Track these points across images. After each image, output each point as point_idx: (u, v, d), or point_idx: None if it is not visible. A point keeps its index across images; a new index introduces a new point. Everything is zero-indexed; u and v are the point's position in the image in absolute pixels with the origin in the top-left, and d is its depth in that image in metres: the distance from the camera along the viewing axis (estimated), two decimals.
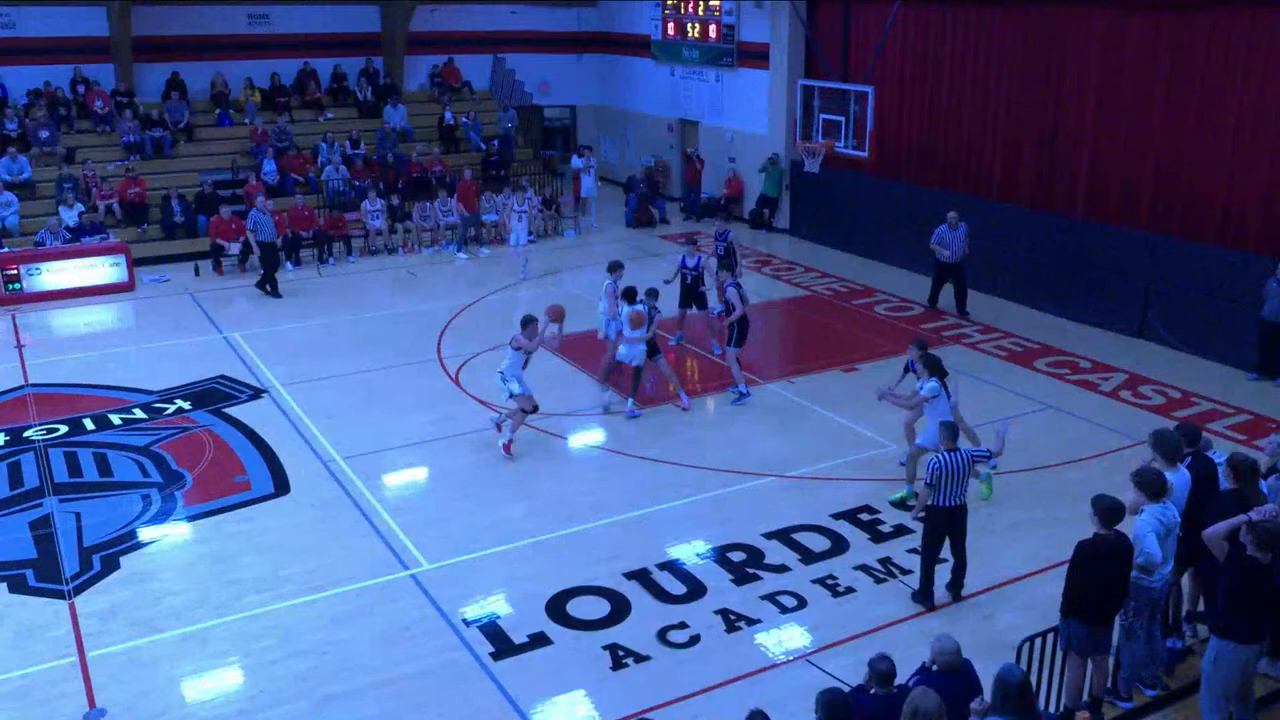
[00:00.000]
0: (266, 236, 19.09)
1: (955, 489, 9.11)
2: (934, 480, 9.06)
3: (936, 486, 9.08)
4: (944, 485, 9.08)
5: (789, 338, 17.93)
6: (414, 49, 26.74)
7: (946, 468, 9.03)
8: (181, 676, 8.62)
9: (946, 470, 9.03)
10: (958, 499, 9.17)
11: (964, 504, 9.27)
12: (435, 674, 8.62)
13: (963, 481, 9.12)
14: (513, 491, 11.69)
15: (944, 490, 9.10)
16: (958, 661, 6.52)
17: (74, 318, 18.18)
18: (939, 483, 9.06)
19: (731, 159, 24.96)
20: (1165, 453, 7.99)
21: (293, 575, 10.03)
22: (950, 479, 9.06)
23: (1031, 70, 18.39)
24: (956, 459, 9.07)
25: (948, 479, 9.06)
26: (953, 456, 9.07)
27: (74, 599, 9.69)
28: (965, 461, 9.11)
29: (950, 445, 9.16)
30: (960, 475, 9.08)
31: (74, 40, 23.29)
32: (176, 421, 13.58)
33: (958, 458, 9.08)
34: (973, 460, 9.23)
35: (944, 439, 9.24)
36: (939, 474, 9.04)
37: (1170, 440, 8.07)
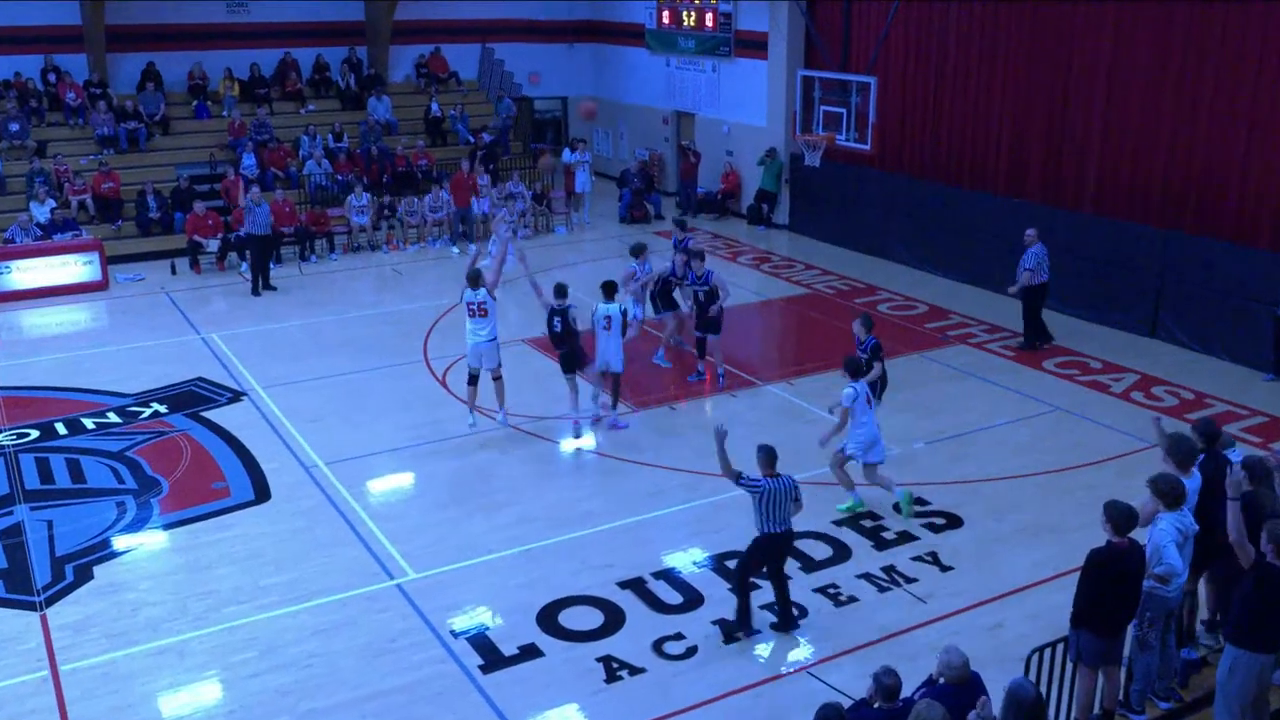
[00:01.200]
0: (260, 229, 19.02)
1: (779, 515, 8.96)
2: (755, 498, 8.92)
3: (760, 512, 8.95)
4: (768, 511, 8.92)
5: (788, 337, 17.93)
6: (399, 38, 26.71)
7: (768, 493, 8.89)
8: (158, 691, 8.59)
9: (768, 496, 8.89)
10: (780, 526, 9.01)
11: (788, 531, 9.09)
12: (422, 687, 8.59)
13: (786, 507, 8.97)
14: (502, 498, 11.67)
15: (768, 516, 8.95)
16: (966, 675, 6.52)
17: (45, 318, 18.13)
18: (761, 508, 8.93)
19: (729, 152, 24.98)
20: (1179, 459, 7.99)
21: (273, 585, 10.00)
22: (774, 504, 8.92)
23: (1039, 60, 18.42)
24: (780, 485, 8.92)
25: (770, 504, 8.91)
26: (775, 482, 8.92)
27: (45, 610, 9.65)
28: (790, 487, 8.97)
29: (770, 471, 8.98)
30: (784, 501, 8.93)
31: (45, 29, 23.19)
32: (152, 426, 13.54)
33: (781, 483, 8.93)
34: (796, 490, 9.01)
35: (762, 463, 9.02)
36: (760, 499, 8.90)
37: (1185, 446, 8.07)
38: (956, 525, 11.04)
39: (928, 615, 9.45)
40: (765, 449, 9.12)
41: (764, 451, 9.10)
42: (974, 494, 11.66)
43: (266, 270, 19.22)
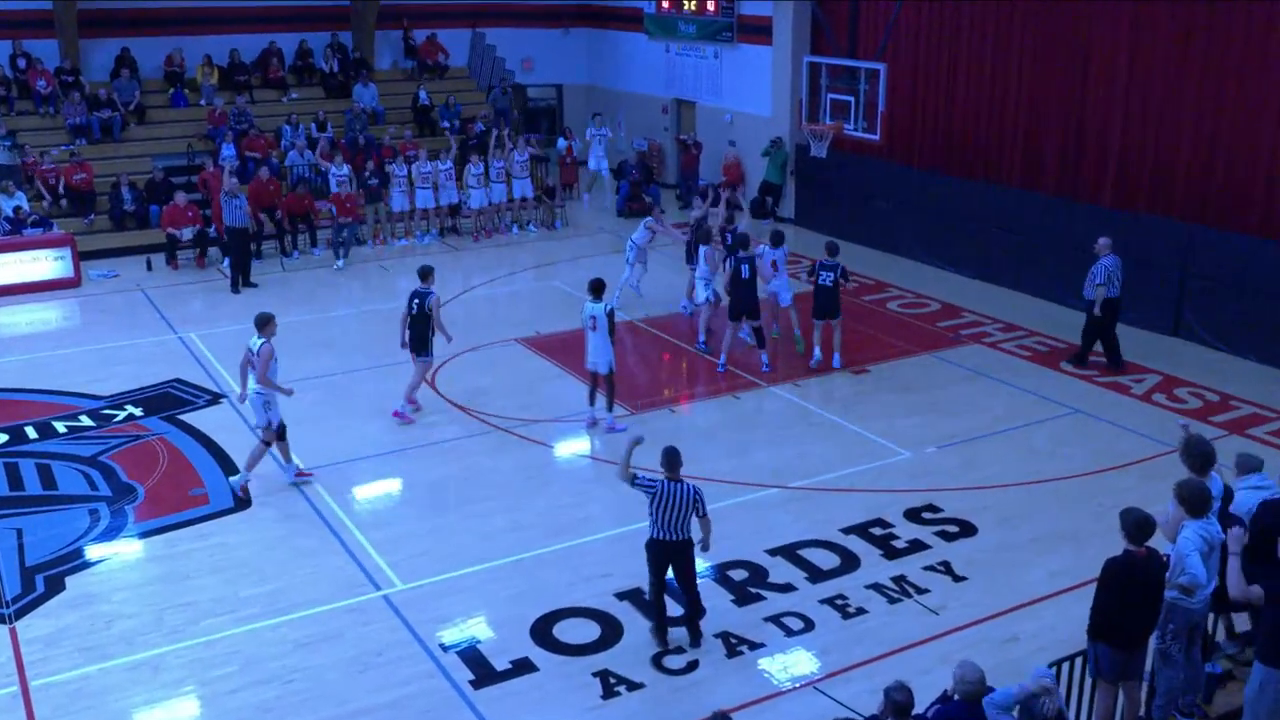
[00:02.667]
0: (238, 221, 18.98)
1: (673, 521, 8.87)
2: (648, 498, 8.90)
3: (652, 515, 8.91)
4: (659, 514, 8.86)
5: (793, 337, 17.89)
6: (385, 23, 26.71)
7: (664, 498, 8.84)
8: (133, 708, 8.58)
9: (662, 499, 8.84)
10: (676, 534, 8.91)
11: (686, 540, 8.97)
12: (410, 704, 8.59)
13: (684, 516, 8.86)
14: (494, 505, 11.67)
15: (659, 520, 8.88)
16: (982, 690, 6.52)
17: (14, 316, 18.12)
18: (653, 509, 8.89)
19: (731, 142, 24.98)
20: (1193, 462, 8.00)
21: (254, 597, 10.00)
22: (667, 509, 8.84)
23: (1057, 47, 18.44)
24: (677, 490, 8.85)
25: (664, 508, 8.85)
26: (672, 486, 8.86)
27: (15, 623, 9.64)
28: (688, 496, 8.86)
29: (671, 474, 8.92)
30: (680, 507, 8.83)
31: (13, 14, 23.19)
32: (127, 429, 13.55)
33: (678, 489, 8.86)
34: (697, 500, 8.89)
35: (663, 465, 8.97)
36: (654, 497, 8.86)
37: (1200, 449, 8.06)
38: (970, 533, 11.04)
39: (940, 628, 9.46)
40: (667, 451, 9.07)
41: (666, 454, 9.04)
42: (988, 501, 11.67)
43: (248, 267, 19.22)
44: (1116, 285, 14.89)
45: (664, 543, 8.99)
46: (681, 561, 9.11)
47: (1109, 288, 14.81)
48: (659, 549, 9.05)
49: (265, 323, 12.04)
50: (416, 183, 22.06)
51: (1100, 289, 14.81)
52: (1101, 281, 14.79)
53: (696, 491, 8.96)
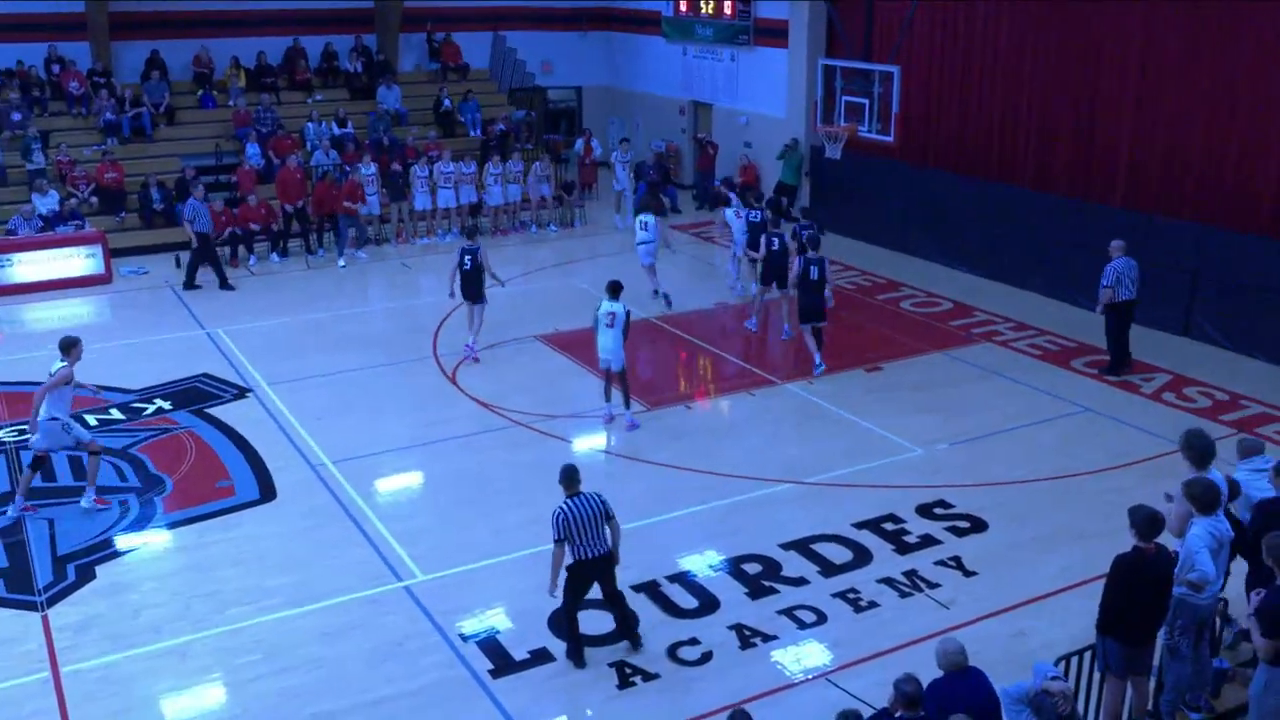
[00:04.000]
0: (203, 227, 19.01)
1: (590, 537, 8.63)
2: (562, 534, 8.57)
3: (569, 540, 8.59)
4: (576, 536, 8.60)
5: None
6: (409, 26, 26.77)
7: (574, 517, 8.58)
8: (160, 694, 8.64)
9: (574, 519, 8.58)
10: (597, 549, 8.69)
11: (606, 554, 8.74)
12: (430, 692, 8.62)
13: (600, 526, 8.65)
14: (512, 498, 11.69)
15: (578, 542, 8.62)
16: (964, 660, 6.66)
17: (47, 311, 18.24)
18: (569, 535, 8.58)
19: (747, 144, 24.94)
20: (1193, 456, 7.97)
21: (279, 587, 10.05)
22: (581, 529, 8.60)
23: (1069, 50, 18.34)
24: (583, 505, 8.63)
25: (578, 528, 8.59)
26: (578, 503, 8.64)
27: (47, 611, 9.72)
28: (597, 508, 8.65)
29: (573, 490, 8.71)
30: (594, 521, 8.62)
31: (48, 17, 23.36)
32: (156, 423, 13.62)
33: (585, 504, 8.64)
34: (605, 508, 8.67)
35: (562, 484, 8.77)
36: (566, 526, 8.56)
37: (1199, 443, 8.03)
38: (981, 529, 11.01)
39: (950, 621, 9.43)
40: (564, 469, 8.84)
41: (563, 472, 8.82)
42: (999, 497, 11.63)
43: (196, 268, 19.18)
44: (1130, 288, 14.66)
45: (588, 562, 8.69)
46: (606, 575, 8.89)
47: (1117, 289, 14.61)
48: (584, 570, 8.73)
49: (70, 346, 11.46)
50: (439, 183, 22.12)
51: (1106, 290, 14.62)
52: (1108, 284, 14.59)
53: (600, 498, 8.74)
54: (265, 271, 20.24)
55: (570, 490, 8.76)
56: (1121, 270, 14.61)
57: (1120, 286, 14.60)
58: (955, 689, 6.53)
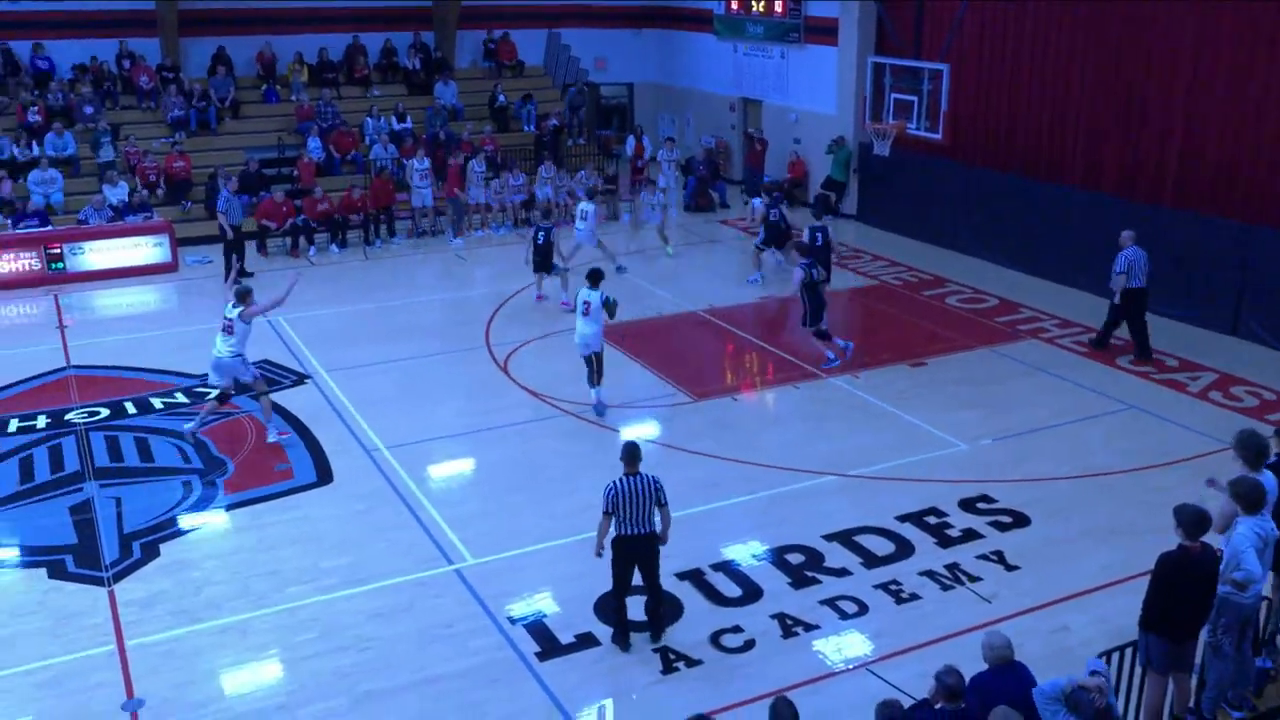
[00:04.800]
0: (235, 219, 19.13)
1: (635, 516, 8.66)
2: (610, 507, 8.64)
3: (615, 514, 8.66)
4: (622, 511, 8.65)
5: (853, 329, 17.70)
6: (466, 23, 26.91)
7: (623, 493, 8.64)
8: (221, 668, 8.79)
9: (623, 495, 8.63)
10: (640, 528, 8.72)
11: (650, 533, 8.76)
12: (479, 673, 8.69)
13: (648, 508, 8.66)
14: (560, 486, 11.74)
15: (623, 517, 8.67)
16: (1010, 654, 6.59)
17: (116, 298, 18.57)
18: (616, 509, 8.64)
19: (796, 140, 24.81)
20: (1248, 455, 7.82)
21: (334, 568, 10.17)
22: (628, 504, 8.63)
23: (1120, 49, 18.03)
24: (637, 484, 8.65)
25: (625, 504, 8.63)
26: (632, 481, 8.66)
27: (113, 586, 9.91)
28: (649, 490, 8.65)
29: (631, 469, 8.71)
30: (642, 501, 8.62)
31: (120, 14, 23.77)
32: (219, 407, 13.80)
33: (638, 483, 8.65)
34: (658, 490, 8.67)
35: (623, 461, 8.75)
36: (614, 500, 8.63)
37: (1253, 442, 7.89)
38: (1023, 524, 10.89)
39: (991, 615, 9.33)
40: (625, 446, 8.87)
41: (624, 449, 8.85)
42: (1042, 493, 11.50)
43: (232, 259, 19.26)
44: (1140, 276, 14.83)
45: (629, 538, 8.76)
46: (647, 556, 8.90)
47: (1129, 278, 14.79)
48: (625, 546, 8.81)
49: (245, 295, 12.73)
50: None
51: (1120, 277, 14.82)
52: (1121, 270, 14.81)
53: (656, 482, 8.76)
54: (324, 262, 20.45)
55: (629, 468, 8.79)
56: (1133, 259, 14.81)
57: (1131, 275, 14.78)
58: (999, 683, 6.46)
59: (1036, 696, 6.31)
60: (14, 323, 17.43)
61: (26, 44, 23.08)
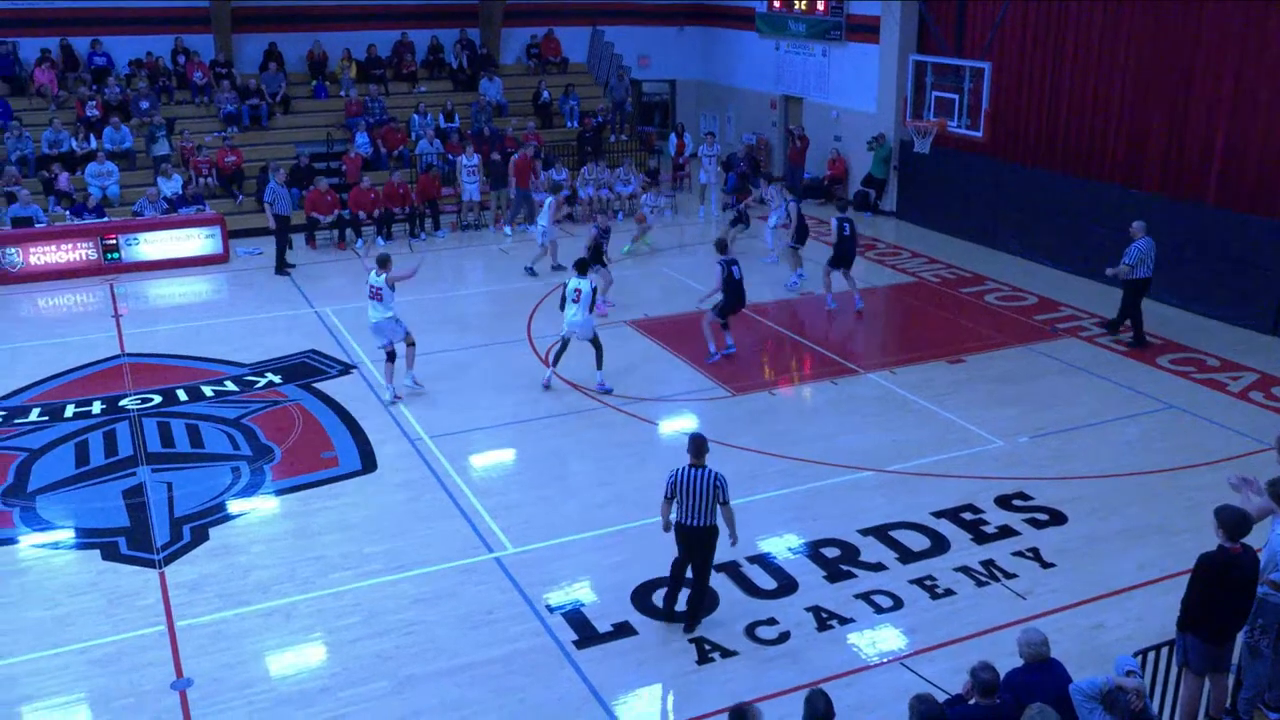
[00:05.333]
0: (283, 210, 19.33)
1: (692, 507, 8.70)
2: (669, 492, 8.79)
3: (675, 500, 8.79)
4: (680, 499, 8.75)
5: (892, 326, 17.66)
6: (511, 20, 26.97)
7: (681, 482, 8.72)
8: (266, 650, 8.89)
9: (681, 484, 8.72)
10: (697, 519, 8.74)
11: (709, 527, 8.77)
12: (517, 659, 8.73)
13: (705, 502, 8.67)
14: (599, 478, 11.76)
15: (682, 507, 8.76)
16: (1046, 652, 6.54)
17: (169, 288, 18.81)
18: (675, 495, 8.77)
19: (837, 137, 24.66)
20: None
21: (377, 554, 10.26)
22: (687, 494, 8.69)
23: (1163, 48, 17.75)
24: (697, 476, 8.68)
25: (685, 494, 8.71)
26: (691, 472, 8.71)
27: (164, 569, 10.05)
28: (709, 485, 8.66)
29: (695, 461, 8.75)
30: (700, 494, 8.65)
31: (175, 11, 24.06)
32: (266, 395, 13.97)
33: (699, 476, 8.68)
34: (718, 488, 8.68)
35: (689, 450, 8.84)
36: (673, 486, 8.76)
37: None
38: (1060, 522, 10.77)
39: (1026, 612, 9.25)
40: (691, 438, 8.92)
41: (691, 440, 8.90)
42: (1079, 491, 11.36)
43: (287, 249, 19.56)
44: (1149, 266, 15.18)
45: (684, 527, 8.82)
46: (701, 548, 8.92)
47: (1140, 268, 15.11)
48: (681, 533, 8.88)
49: (386, 261, 13.61)
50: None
51: (1126, 267, 15.21)
52: (1131, 261, 15.11)
53: (718, 479, 8.75)
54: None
55: (694, 460, 8.82)
56: (1145, 250, 15.11)
57: (1142, 265, 15.11)
58: (1034, 680, 6.40)
59: (1073, 694, 6.25)
60: (71, 311, 17.71)
61: (85, 40, 23.43)
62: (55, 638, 9.02)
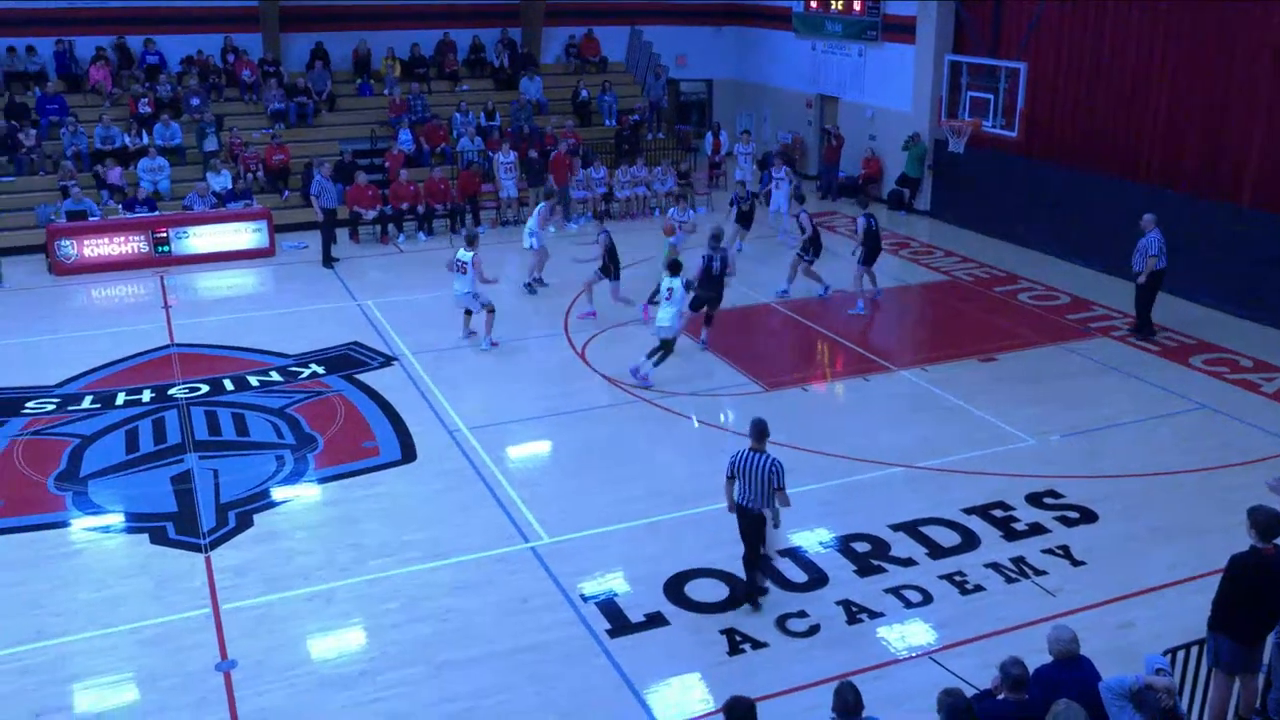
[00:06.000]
0: (329, 204, 19.44)
1: (750, 489, 8.83)
2: (731, 472, 8.94)
3: (736, 480, 8.93)
4: (739, 480, 8.89)
5: (924, 324, 17.53)
6: (552, 20, 27.00)
7: (740, 464, 8.85)
8: (308, 634, 8.98)
9: (739, 466, 8.85)
10: (750, 502, 8.86)
11: (757, 511, 8.87)
12: (552, 648, 8.76)
13: (761, 486, 8.76)
14: (634, 470, 11.77)
15: (740, 487, 8.91)
16: (1075, 649, 6.47)
17: (217, 281, 19.01)
18: (736, 476, 8.91)
19: (871, 137, 24.50)
20: None
21: (416, 542, 10.32)
22: (743, 477, 8.83)
23: (1198, 48, 17.49)
24: (755, 461, 8.78)
25: (741, 476, 8.85)
26: (753, 457, 8.81)
27: (210, 553, 10.17)
28: (766, 471, 8.74)
29: (756, 445, 8.85)
30: (756, 478, 8.75)
31: (225, 10, 24.29)
32: (310, 386, 14.09)
33: (757, 461, 8.77)
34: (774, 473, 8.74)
35: (751, 435, 8.94)
36: (732, 467, 8.91)
37: None
38: (1091, 520, 10.66)
39: (1056, 609, 9.16)
40: (753, 422, 9.02)
41: (753, 424, 9.01)
42: (1110, 490, 11.24)
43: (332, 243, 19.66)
44: (1164, 257, 15.14)
45: (742, 508, 8.97)
46: (750, 530, 9.02)
47: (1161, 258, 15.07)
48: (740, 514, 9.03)
49: (474, 239, 15.20)
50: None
51: (1153, 259, 15.03)
52: (1155, 253, 15.03)
53: (775, 464, 8.81)
54: (412, 249, 20.71)
55: (755, 444, 8.90)
56: (1163, 242, 15.09)
57: (1162, 256, 15.10)
58: (1063, 676, 6.33)
59: (1103, 691, 6.18)
60: (123, 302, 17.94)
61: (139, 39, 23.71)
62: (105, 618, 9.15)
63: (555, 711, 8.04)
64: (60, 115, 21.90)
